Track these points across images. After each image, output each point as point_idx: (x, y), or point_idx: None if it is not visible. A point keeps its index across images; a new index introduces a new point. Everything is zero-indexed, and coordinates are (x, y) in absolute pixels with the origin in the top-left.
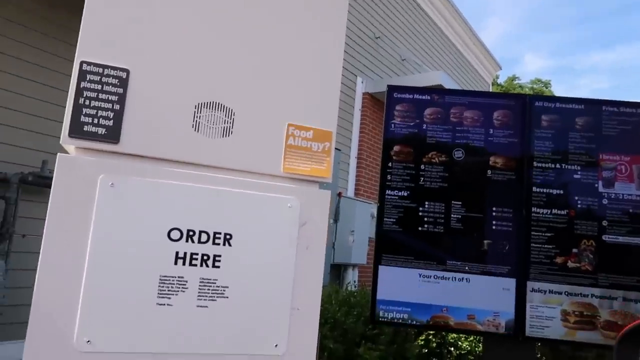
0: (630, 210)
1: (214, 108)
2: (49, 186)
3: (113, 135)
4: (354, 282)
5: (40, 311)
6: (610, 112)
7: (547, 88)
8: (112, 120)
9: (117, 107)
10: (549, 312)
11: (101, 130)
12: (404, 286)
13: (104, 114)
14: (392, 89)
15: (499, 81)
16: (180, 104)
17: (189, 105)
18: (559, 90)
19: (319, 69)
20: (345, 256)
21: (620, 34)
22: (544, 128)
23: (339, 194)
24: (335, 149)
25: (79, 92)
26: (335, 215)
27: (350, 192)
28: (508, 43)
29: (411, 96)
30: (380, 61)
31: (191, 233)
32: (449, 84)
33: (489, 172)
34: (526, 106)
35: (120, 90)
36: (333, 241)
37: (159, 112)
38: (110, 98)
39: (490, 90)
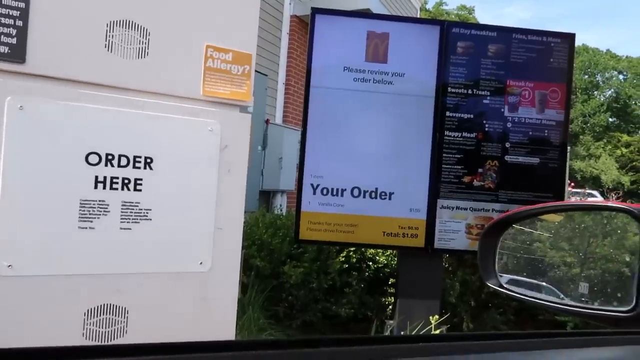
0: (530, 133)
1: (127, 26)
2: None
3: (18, 54)
4: (281, 205)
5: None
6: (520, 40)
7: (471, 14)
8: (15, 38)
9: (19, 23)
10: (456, 226)
11: (4, 49)
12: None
13: (6, 30)
14: (316, 12)
15: (427, 7)
16: (90, 21)
17: (100, 23)
18: (485, 18)
19: None
20: (274, 182)
21: None
22: (459, 55)
23: (267, 121)
24: (262, 74)
25: None
26: (264, 142)
27: (279, 119)
28: None
29: (335, 22)
30: None
31: (110, 157)
32: (378, 9)
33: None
34: (444, 32)
35: (22, 5)
36: (262, 168)
37: (68, 30)
38: (11, 13)
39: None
